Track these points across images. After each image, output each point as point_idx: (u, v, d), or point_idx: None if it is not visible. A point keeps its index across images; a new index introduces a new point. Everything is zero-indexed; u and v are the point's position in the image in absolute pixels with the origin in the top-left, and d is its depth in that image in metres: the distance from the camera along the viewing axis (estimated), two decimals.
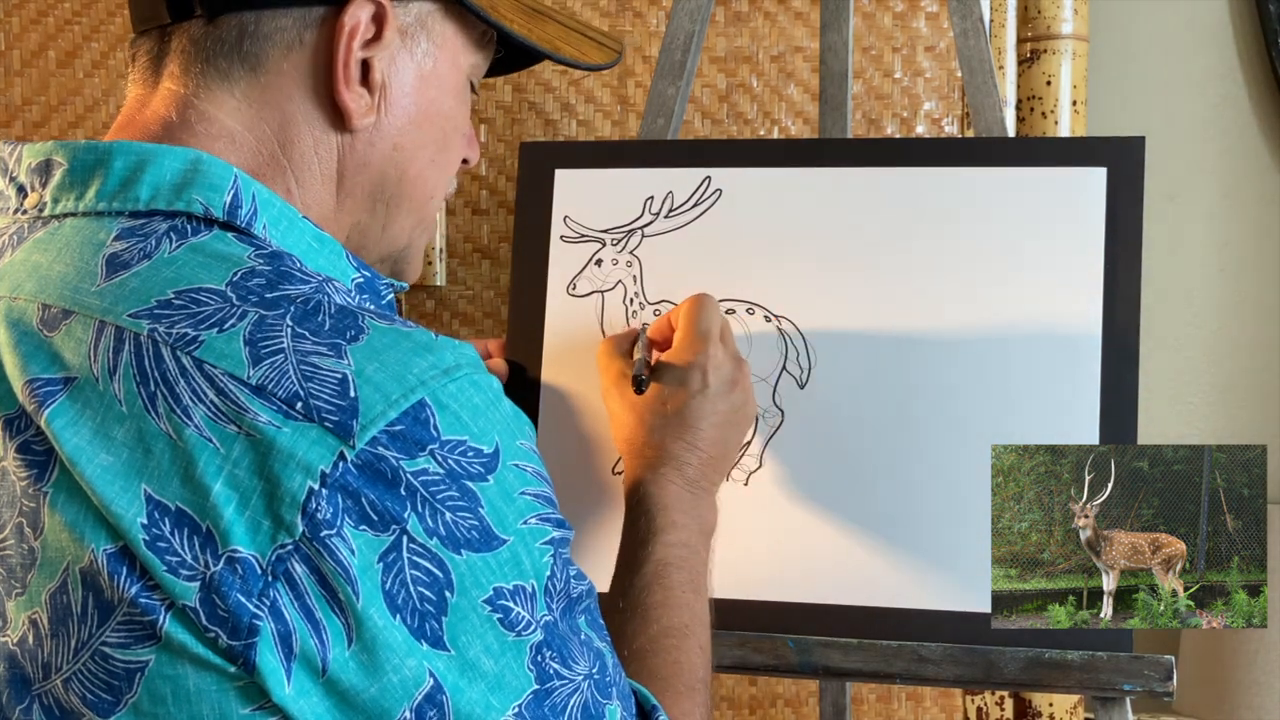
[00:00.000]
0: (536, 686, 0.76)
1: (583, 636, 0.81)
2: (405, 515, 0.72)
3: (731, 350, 1.12)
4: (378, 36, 0.87)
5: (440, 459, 0.74)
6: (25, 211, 0.85)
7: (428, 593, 0.73)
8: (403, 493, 0.73)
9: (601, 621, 0.85)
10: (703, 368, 1.09)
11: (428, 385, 0.75)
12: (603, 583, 1.09)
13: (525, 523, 0.77)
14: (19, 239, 0.84)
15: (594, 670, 0.80)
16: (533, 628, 0.77)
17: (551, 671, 0.77)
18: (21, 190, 0.86)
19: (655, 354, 1.14)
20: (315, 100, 0.87)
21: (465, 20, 0.93)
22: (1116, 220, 1.16)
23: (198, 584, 0.71)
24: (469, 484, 0.75)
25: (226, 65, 0.87)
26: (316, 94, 0.87)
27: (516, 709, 0.75)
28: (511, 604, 0.76)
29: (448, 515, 0.74)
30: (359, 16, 0.86)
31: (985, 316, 1.17)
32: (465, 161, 1.00)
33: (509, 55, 0.99)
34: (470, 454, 0.75)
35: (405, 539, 0.72)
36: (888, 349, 1.18)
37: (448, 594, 0.73)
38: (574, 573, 0.82)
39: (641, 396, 1.09)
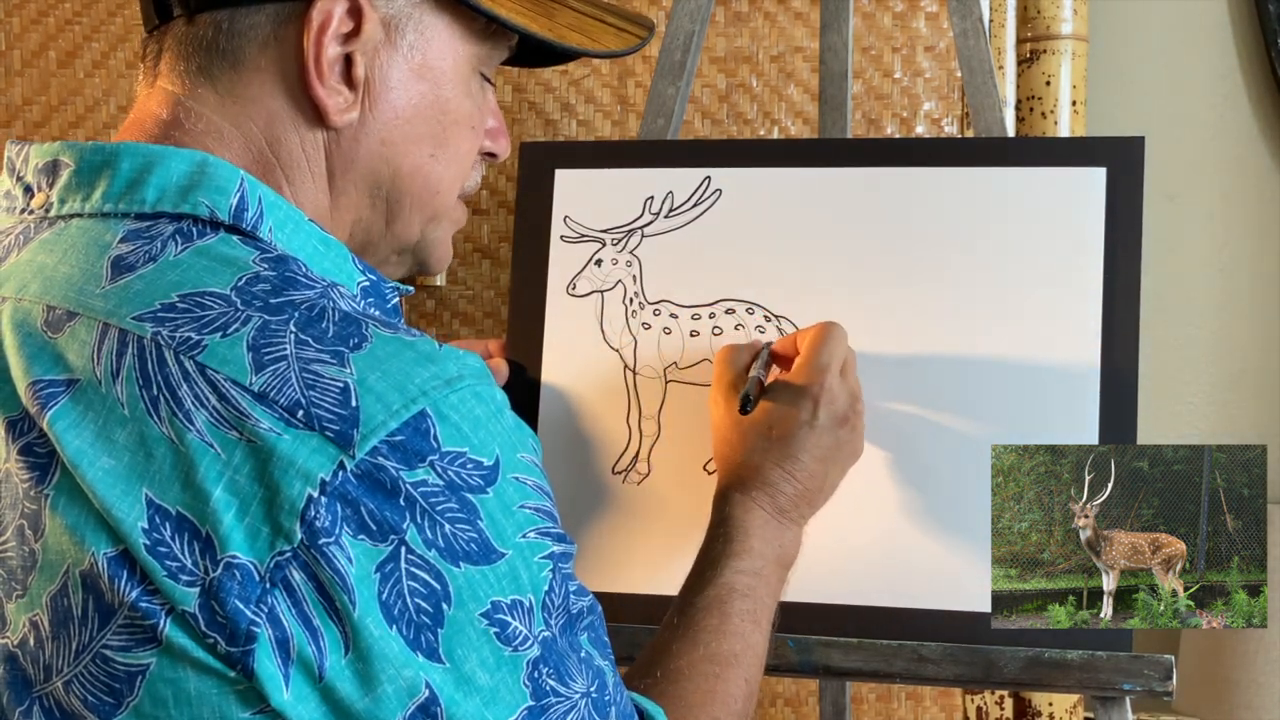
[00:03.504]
0: (531, 702, 0.76)
1: (583, 654, 0.80)
2: (404, 526, 0.72)
3: (849, 385, 1.10)
4: (356, 31, 0.86)
5: (440, 470, 0.74)
6: (32, 211, 0.85)
7: (424, 604, 0.73)
8: (402, 503, 0.72)
9: (606, 639, 0.84)
10: (815, 398, 1.07)
11: (429, 396, 0.74)
12: (596, 583, 1.09)
13: (524, 536, 0.77)
14: (25, 239, 0.83)
15: (592, 688, 0.80)
16: (530, 643, 0.76)
17: (548, 688, 0.77)
18: (28, 190, 0.85)
19: (775, 371, 1.13)
20: (295, 97, 0.87)
21: (459, 11, 0.90)
22: (1116, 220, 1.16)
23: (197, 589, 0.71)
24: (468, 496, 0.74)
25: (206, 63, 0.86)
26: (295, 91, 0.86)
27: None
28: (509, 618, 0.75)
29: (446, 527, 0.73)
30: (329, 11, 0.85)
31: (985, 315, 1.17)
32: (493, 156, 0.98)
33: (535, 46, 0.95)
34: (470, 466, 0.75)
35: (403, 550, 0.72)
36: (887, 349, 1.18)
37: (445, 606, 0.73)
38: (574, 588, 0.81)
39: (748, 415, 1.08)
